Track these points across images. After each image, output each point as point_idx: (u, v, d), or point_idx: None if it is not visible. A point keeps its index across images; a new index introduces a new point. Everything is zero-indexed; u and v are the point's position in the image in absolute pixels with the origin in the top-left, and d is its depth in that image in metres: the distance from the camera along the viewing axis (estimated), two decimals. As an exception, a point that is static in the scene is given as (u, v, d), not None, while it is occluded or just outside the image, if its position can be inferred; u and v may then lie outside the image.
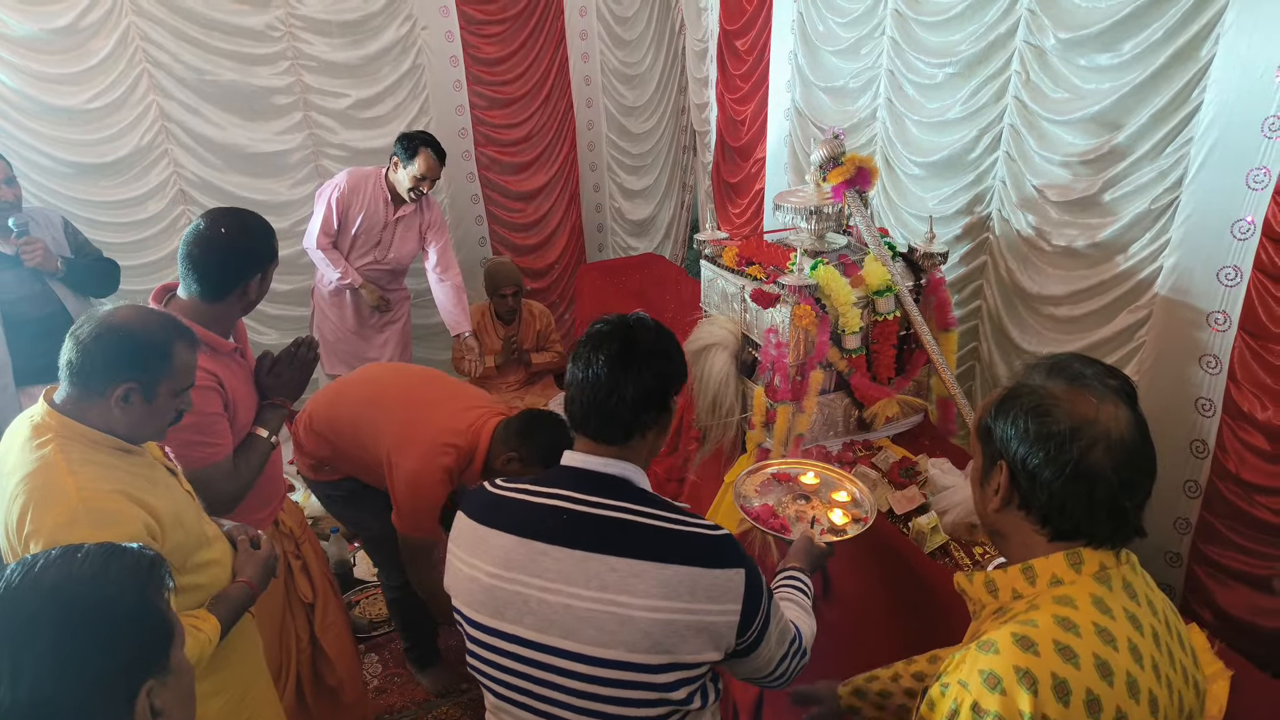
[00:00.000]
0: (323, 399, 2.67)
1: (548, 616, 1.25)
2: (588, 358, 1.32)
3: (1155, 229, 2.31)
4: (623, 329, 1.35)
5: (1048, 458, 1.06)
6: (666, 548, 1.24)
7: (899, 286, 2.48)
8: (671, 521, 1.27)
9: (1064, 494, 1.06)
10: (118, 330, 1.52)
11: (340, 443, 2.55)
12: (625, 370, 1.30)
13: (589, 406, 1.32)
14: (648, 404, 1.32)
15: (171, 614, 0.97)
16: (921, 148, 3.04)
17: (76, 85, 3.61)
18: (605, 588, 1.23)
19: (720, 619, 1.24)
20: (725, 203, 4.38)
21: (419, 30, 4.23)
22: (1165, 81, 2.20)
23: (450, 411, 2.45)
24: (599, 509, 1.28)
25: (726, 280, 2.73)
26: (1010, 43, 2.64)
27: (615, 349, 1.31)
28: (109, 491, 1.47)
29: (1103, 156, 2.38)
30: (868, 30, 3.19)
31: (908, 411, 2.65)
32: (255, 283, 1.99)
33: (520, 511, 1.32)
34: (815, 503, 2.06)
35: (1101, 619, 1.04)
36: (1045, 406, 1.08)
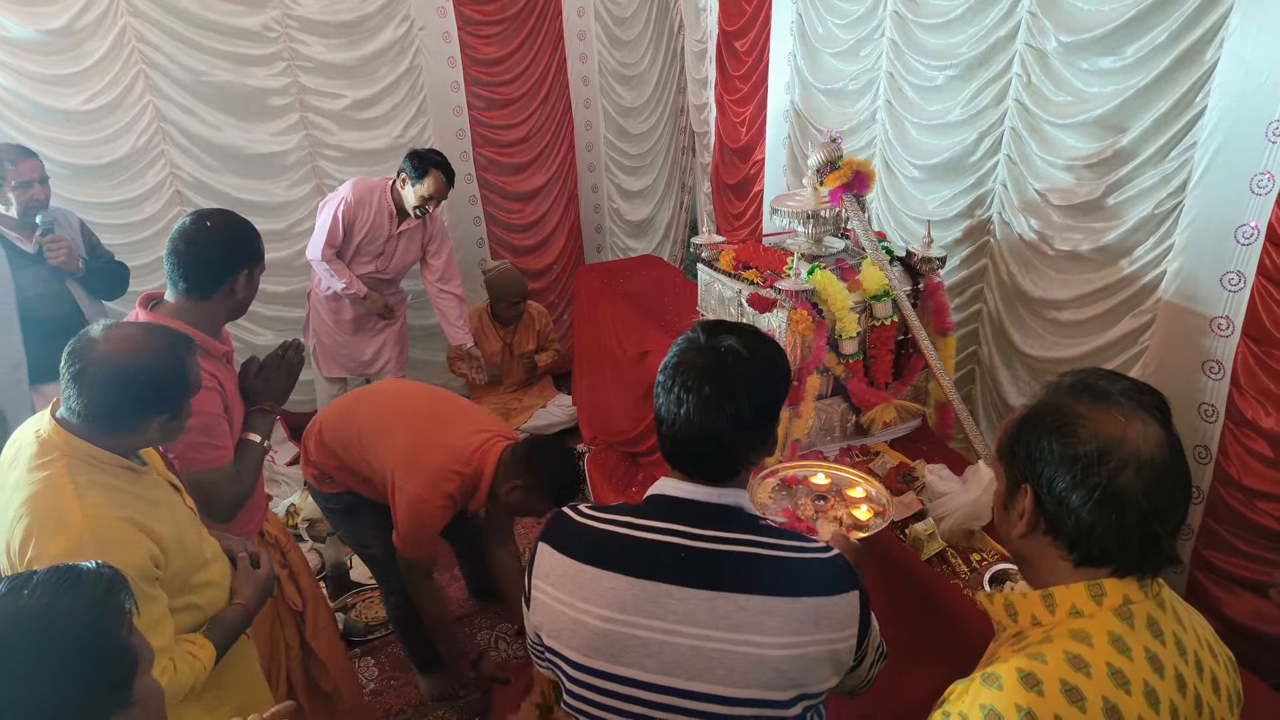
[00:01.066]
0: (334, 412, 2.66)
1: (672, 659, 1.18)
2: (678, 395, 1.19)
3: (1159, 233, 2.29)
4: (715, 362, 1.19)
5: (1074, 481, 1.00)
6: (792, 580, 1.18)
7: (896, 291, 2.46)
8: (789, 550, 1.21)
9: (1092, 519, 1.00)
10: (135, 370, 1.47)
11: (348, 457, 2.53)
12: (720, 413, 1.18)
13: (683, 447, 1.22)
14: (750, 441, 1.23)
15: (134, 640, 0.92)
16: (921, 150, 3.02)
17: (72, 87, 3.58)
18: (736, 628, 1.16)
19: (843, 645, 1.20)
20: (725, 204, 4.36)
21: (416, 31, 4.21)
22: (1169, 85, 2.18)
23: (458, 434, 2.43)
24: (718, 544, 1.20)
25: (723, 284, 2.71)
26: (1011, 45, 2.62)
27: (708, 393, 1.18)
28: (115, 519, 1.45)
29: (1106, 160, 2.36)
30: (867, 32, 3.17)
31: (905, 417, 2.63)
32: (242, 280, 1.96)
33: (630, 549, 1.22)
34: (833, 502, 2.05)
35: (1117, 659, 0.98)
36: (1070, 426, 1.02)
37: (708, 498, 1.23)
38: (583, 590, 1.23)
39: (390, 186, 3.57)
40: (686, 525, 1.21)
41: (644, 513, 1.25)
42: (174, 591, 1.53)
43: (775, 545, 1.21)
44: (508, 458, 2.39)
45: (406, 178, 3.47)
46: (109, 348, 1.48)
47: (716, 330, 1.24)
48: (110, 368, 1.46)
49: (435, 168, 3.45)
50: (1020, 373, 2.81)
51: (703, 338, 1.23)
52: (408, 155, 3.51)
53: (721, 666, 1.16)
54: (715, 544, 1.20)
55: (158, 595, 1.49)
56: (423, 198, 3.47)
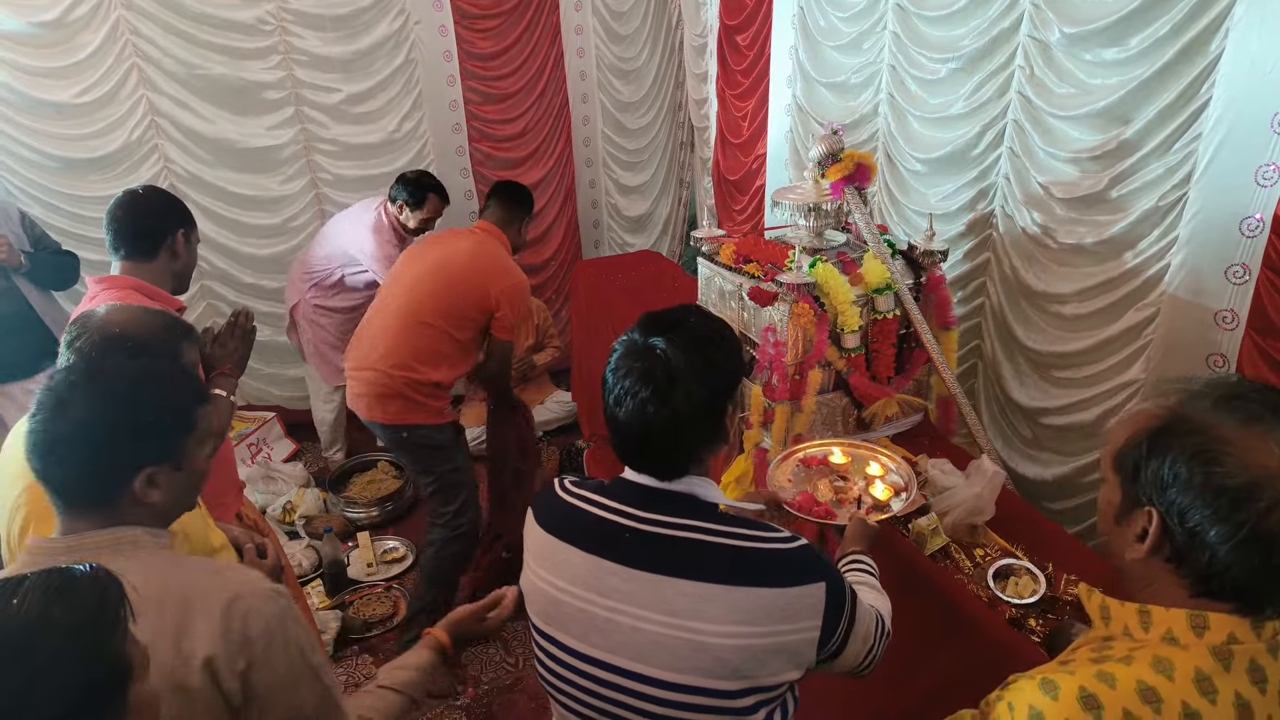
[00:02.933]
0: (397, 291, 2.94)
1: (616, 638, 1.19)
2: (618, 398, 1.18)
3: (1163, 226, 2.27)
4: (648, 366, 1.16)
5: (1216, 515, 0.90)
6: (739, 568, 1.16)
7: (898, 285, 2.44)
8: (743, 538, 1.18)
9: (1230, 559, 0.91)
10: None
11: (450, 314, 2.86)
12: (658, 414, 1.16)
13: (629, 447, 1.22)
14: (693, 438, 1.20)
15: (130, 648, 0.87)
16: (924, 143, 3.00)
17: (65, 79, 3.55)
18: (676, 613, 1.15)
19: (799, 637, 1.17)
20: (726, 199, 4.34)
21: (412, 25, 4.18)
22: (1173, 77, 2.17)
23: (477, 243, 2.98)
24: (665, 528, 1.20)
25: (724, 278, 2.69)
26: (1014, 37, 2.60)
27: (643, 396, 1.16)
28: None
29: (1110, 153, 2.34)
30: (869, 25, 3.16)
31: (908, 411, 2.61)
32: (180, 241, 2.19)
33: (587, 525, 1.24)
34: (853, 481, 2.01)
35: (1196, 700, 0.90)
36: (1214, 453, 0.91)
37: (658, 484, 1.23)
38: (546, 560, 1.27)
39: (385, 211, 3.63)
40: (635, 508, 1.22)
41: (606, 491, 1.27)
42: None
43: (725, 533, 1.19)
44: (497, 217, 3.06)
45: (404, 205, 3.56)
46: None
47: (651, 329, 1.21)
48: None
49: (432, 192, 3.59)
50: (1023, 366, 2.79)
51: (639, 338, 1.20)
52: (401, 183, 3.57)
53: (663, 650, 1.16)
54: (660, 528, 1.20)
55: None
56: (423, 221, 3.61)
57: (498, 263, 2.93)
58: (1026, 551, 2.12)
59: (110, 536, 1.14)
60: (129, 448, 1.13)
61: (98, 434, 1.11)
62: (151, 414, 1.15)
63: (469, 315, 2.89)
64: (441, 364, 2.87)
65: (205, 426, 1.24)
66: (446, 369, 2.89)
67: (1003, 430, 2.93)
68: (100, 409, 1.11)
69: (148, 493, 1.16)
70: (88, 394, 1.12)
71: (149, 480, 1.16)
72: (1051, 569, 2.04)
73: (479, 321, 2.92)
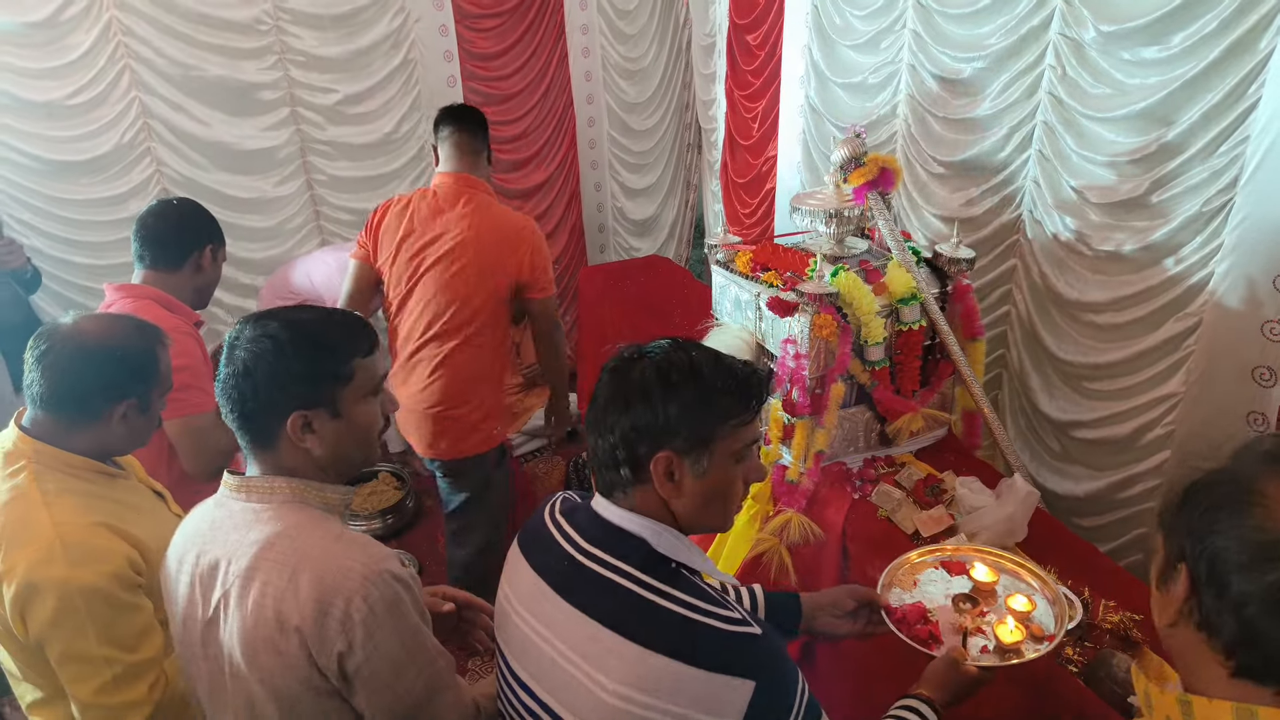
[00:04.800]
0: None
1: (541, 665, 1.14)
2: (592, 408, 1.18)
3: (1207, 232, 2.18)
4: (639, 369, 1.14)
5: (1243, 571, 0.82)
6: (660, 632, 1.04)
7: (924, 294, 2.34)
8: (679, 603, 1.06)
9: (1262, 623, 0.81)
10: (104, 348, 1.43)
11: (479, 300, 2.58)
12: (626, 413, 1.12)
13: (597, 467, 1.19)
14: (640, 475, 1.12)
15: None
16: (946, 146, 2.90)
17: (56, 80, 3.45)
18: (586, 656, 1.08)
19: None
20: (734, 203, 4.24)
21: (411, 24, 4.09)
22: (1219, 76, 2.07)
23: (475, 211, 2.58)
24: (600, 566, 1.11)
25: (740, 286, 2.58)
26: (1044, 35, 2.50)
27: (622, 397, 1.13)
28: (89, 524, 1.38)
29: (1150, 156, 2.24)
30: (888, 23, 3.06)
31: (932, 425, 2.51)
32: (208, 256, 2.15)
33: (543, 544, 1.20)
34: (984, 608, 1.59)
35: None
36: (1247, 503, 0.83)
37: (615, 518, 1.14)
38: (509, 567, 1.25)
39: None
40: (581, 537, 1.16)
41: (574, 515, 1.21)
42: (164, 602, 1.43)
43: (664, 593, 1.07)
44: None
45: None
46: (77, 329, 1.44)
47: (645, 350, 1.18)
48: (76, 345, 1.42)
49: None
50: (1053, 378, 2.69)
51: (631, 353, 1.18)
52: None
53: (569, 691, 1.10)
54: (596, 565, 1.12)
55: (141, 604, 1.41)
56: None
57: (508, 225, 2.59)
58: (1060, 575, 2.01)
59: (266, 483, 1.21)
60: (278, 389, 1.19)
61: (253, 375, 1.18)
62: (298, 359, 1.20)
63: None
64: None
65: (366, 380, 1.26)
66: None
67: (1030, 444, 2.83)
68: (255, 351, 1.19)
69: (303, 438, 1.21)
70: (247, 339, 1.20)
71: (305, 424, 1.21)
72: (1088, 594, 1.94)
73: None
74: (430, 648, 1.24)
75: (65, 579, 1.32)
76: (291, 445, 1.22)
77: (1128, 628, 1.85)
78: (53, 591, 1.32)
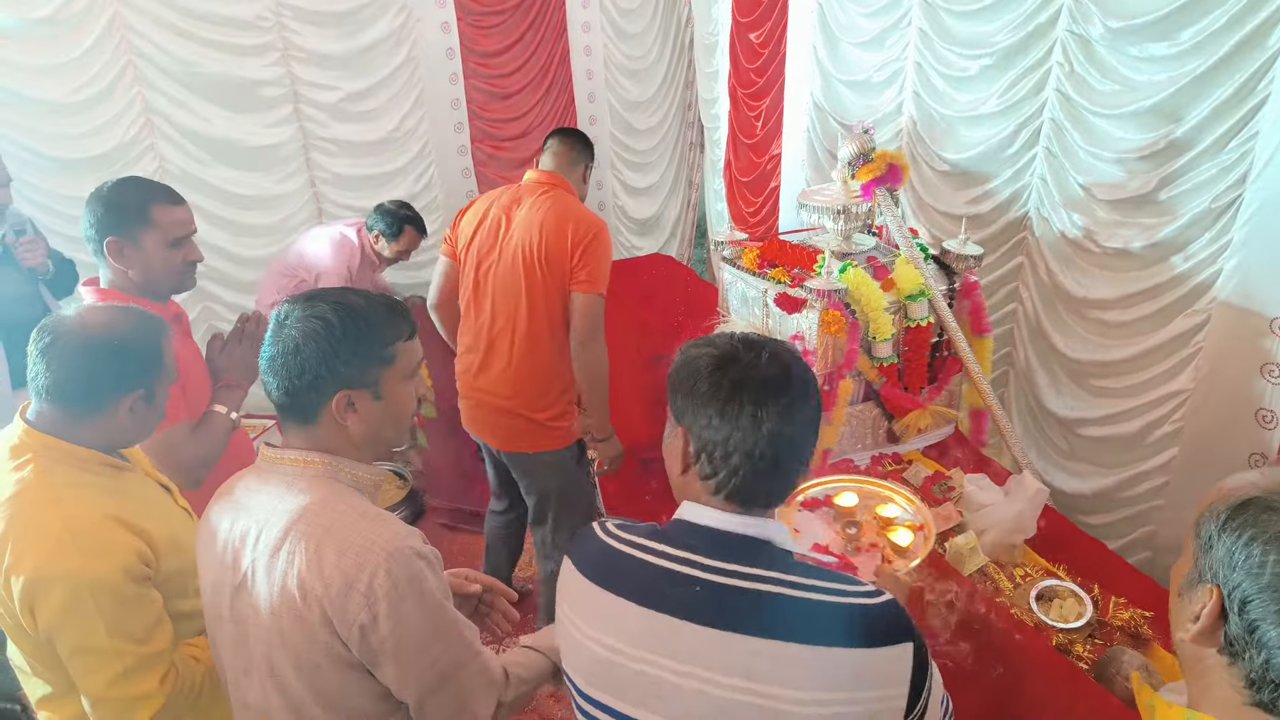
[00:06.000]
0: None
1: (680, 704, 1.05)
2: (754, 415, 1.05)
3: (1216, 228, 2.18)
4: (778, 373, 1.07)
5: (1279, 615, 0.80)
6: (824, 626, 1.02)
7: (932, 291, 2.33)
8: (826, 592, 1.05)
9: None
10: (109, 341, 1.40)
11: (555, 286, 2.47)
12: (799, 421, 1.07)
13: (752, 476, 1.07)
14: (799, 462, 1.10)
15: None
16: (952, 143, 2.91)
17: (60, 77, 3.45)
18: (752, 676, 1.01)
19: (887, 704, 1.03)
20: (737, 201, 4.23)
21: (414, 22, 4.08)
22: (1228, 72, 2.07)
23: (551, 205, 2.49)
24: (738, 579, 1.05)
25: (746, 283, 2.58)
26: (1051, 32, 2.51)
27: (786, 403, 1.05)
28: (97, 517, 1.36)
29: (1158, 152, 2.24)
30: (893, 21, 3.06)
31: (939, 423, 2.50)
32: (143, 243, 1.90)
33: (641, 575, 1.09)
34: (865, 528, 1.82)
35: None
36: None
37: (734, 527, 1.08)
38: (590, 613, 1.12)
39: (364, 240, 3.51)
40: (704, 556, 1.07)
41: (663, 536, 1.11)
42: (174, 594, 1.43)
43: (808, 586, 1.05)
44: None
45: (380, 235, 3.47)
46: (82, 321, 1.42)
47: (749, 341, 1.12)
48: (82, 338, 1.39)
49: (409, 224, 3.49)
50: (1060, 375, 2.69)
51: (741, 348, 1.10)
52: (378, 213, 3.45)
53: (732, 717, 1.03)
54: (735, 579, 1.05)
55: (151, 596, 1.39)
56: (399, 252, 3.53)
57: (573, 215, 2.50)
58: (1069, 571, 2.01)
59: (302, 457, 1.24)
60: (326, 368, 1.22)
61: (303, 353, 1.21)
62: (347, 340, 1.22)
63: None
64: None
65: (407, 363, 1.29)
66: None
67: (1036, 441, 2.83)
68: (306, 330, 1.22)
69: (346, 416, 1.24)
70: (298, 318, 1.23)
71: (348, 403, 1.23)
72: (1097, 591, 1.94)
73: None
74: (454, 620, 1.24)
75: (74, 572, 1.31)
76: (332, 423, 1.24)
77: (1138, 624, 1.85)
78: (62, 585, 1.31)
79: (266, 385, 1.26)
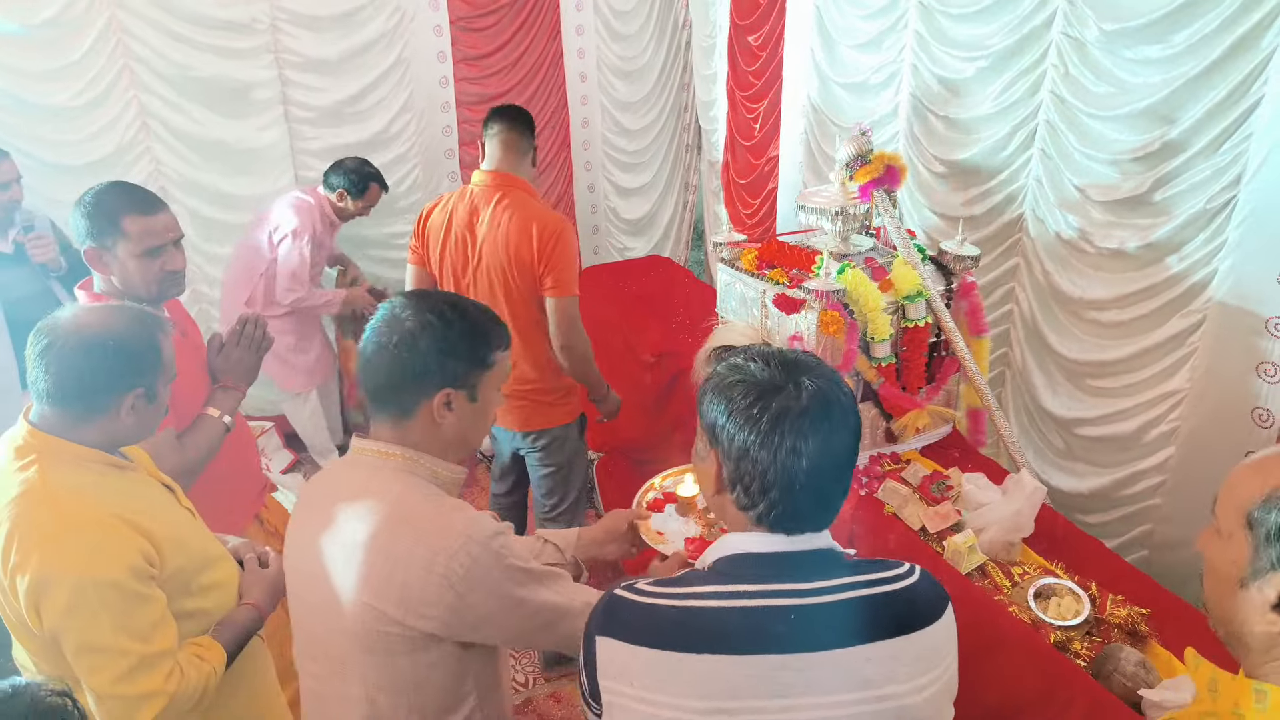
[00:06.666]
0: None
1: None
2: (794, 446, 1.01)
3: (1210, 229, 2.20)
4: (820, 403, 1.03)
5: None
6: (908, 613, 1.05)
7: (930, 291, 2.35)
8: (890, 581, 1.07)
9: None
10: (106, 341, 1.40)
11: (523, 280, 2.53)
12: (845, 450, 1.05)
13: (794, 507, 1.04)
14: (849, 477, 1.10)
15: None
16: (948, 145, 2.92)
17: (57, 82, 3.44)
18: (868, 683, 1.02)
19: (954, 668, 1.09)
20: (735, 203, 4.25)
21: (405, 24, 4.08)
22: (1222, 74, 2.09)
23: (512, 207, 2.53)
24: (827, 594, 1.04)
25: (745, 284, 2.59)
26: (1046, 35, 2.53)
27: (827, 431, 1.02)
28: (103, 517, 1.37)
29: (1153, 154, 2.26)
30: (890, 23, 3.08)
31: (937, 422, 2.51)
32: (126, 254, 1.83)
33: (724, 623, 1.03)
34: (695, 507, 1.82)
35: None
36: None
37: (805, 545, 1.06)
38: (672, 682, 1.03)
39: (323, 200, 3.57)
40: (789, 583, 1.04)
41: (726, 577, 1.06)
42: (177, 593, 1.44)
43: (877, 581, 1.07)
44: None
45: (344, 193, 3.54)
46: (78, 322, 1.42)
47: (788, 366, 1.07)
48: (79, 339, 1.39)
49: (372, 180, 3.59)
50: (1056, 375, 2.71)
51: (780, 376, 1.05)
52: (340, 172, 3.54)
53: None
54: (824, 595, 1.04)
55: (155, 595, 1.40)
56: (362, 209, 3.62)
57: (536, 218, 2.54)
58: (1066, 569, 2.03)
59: (384, 449, 1.29)
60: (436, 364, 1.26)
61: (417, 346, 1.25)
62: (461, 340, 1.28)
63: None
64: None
65: (500, 371, 1.35)
66: None
67: (1033, 441, 2.85)
68: (421, 325, 1.26)
69: (443, 413, 1.28)
70: (411, 315, 1.27)
71: (447, 401, 1.27)
72: (1095, 589, 1.95)
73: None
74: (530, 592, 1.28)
75: (79, 571, 1.31)
76: (428, 419, 1.28)
77: (1135, 622, 1.86)
78: (66, 583, 1.31)
79: (368, 374, 1.29)
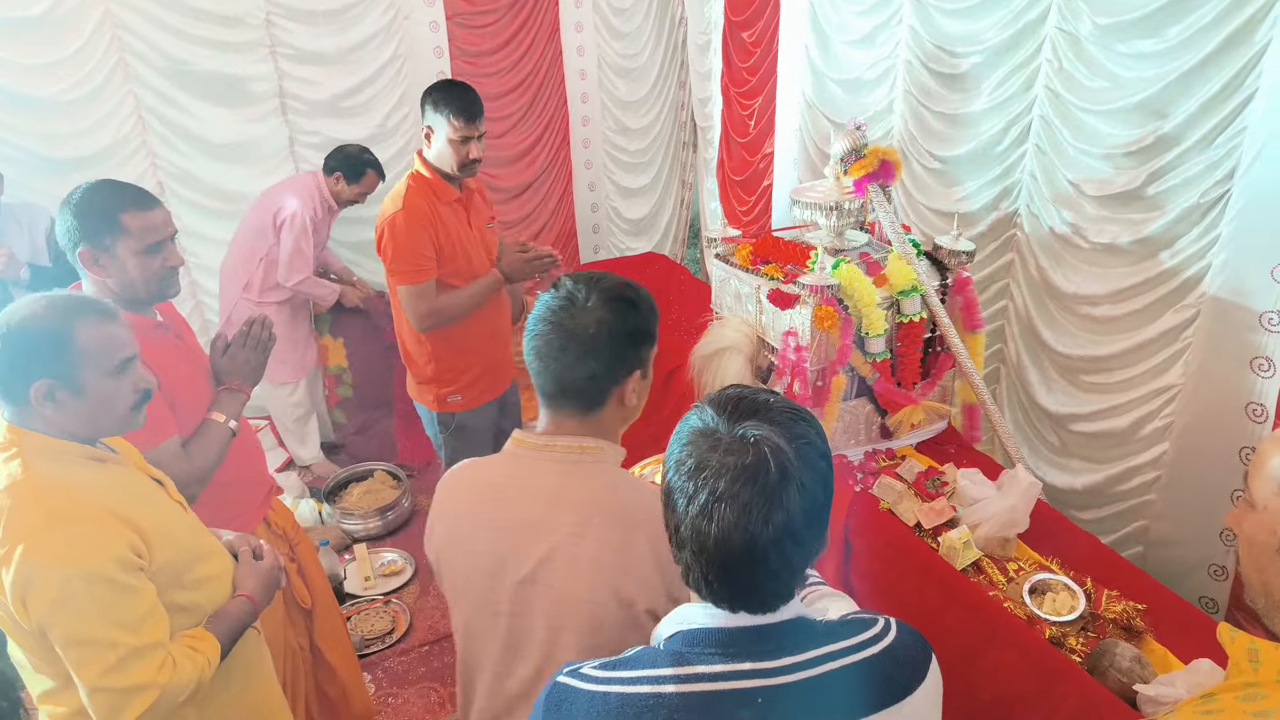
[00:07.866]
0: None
1: None
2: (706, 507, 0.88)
3: (1204, 224, 2.19)
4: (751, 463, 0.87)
5: None
6: (886, 681, 0.95)
7: (925, 286, 2.34)
8: (867, 645, 0.96)
9: None
10: (10, 329, 1.36)
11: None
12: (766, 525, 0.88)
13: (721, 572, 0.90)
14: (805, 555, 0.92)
15: None
16: (943, 141, 2.92)
17: (53, 76, 3.43)
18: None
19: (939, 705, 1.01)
20: (730, 199, 4.24)
21: (402, 20, 4.08)
22: (1215, 68, 2.09)
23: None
24: (798, 671, 0.92)
25: (740, 280, 2.59)
26: (1041, 30, 2.52)
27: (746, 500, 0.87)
28: (88, 509, 1.36)
29: (1147, 148, 2.26)
30: (884, 19, 3.07)
31: (932, 418, 2.52)
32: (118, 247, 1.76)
33: (683, 710, 0.91)
34: None
35: None
36: None
37: (773, 619, 0.94)
38: None
39: (321, 184, 3.61)
40: (753, 661, 0.92)
41: (681, 657, 0.93)
42: (169, 586, 1.43)
43: (852, 648, 0.95)
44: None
45: (340, 177, 3.59)
46: (3, 313, 1.38)
47: (738, 412, 0.92)
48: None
49: (370, 168, 3.61)
50: (1050, 371, 2.70)
51: (722, 427, 0.91)
52: (340, 156, 3.58)
53: None
54: (795, 673, 0.92)
55: (144, 587, 1.38)
56: (358, 194, 3.64)
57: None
58: (1061, 565, 2.03)
59: (576, 444, 1.24)
60: (631, 347, 1.23)
61: (614, 336, 1.21)
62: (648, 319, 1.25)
63: None
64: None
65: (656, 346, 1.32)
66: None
67: (1028, 437, 2.84)
68: (615, 311, 1.21)
69: (632, 395, 1.25)
70: (597, 301, 1.21)
71: (636, 383, 1.25)
72: (1091, 584, 1.95)
73: None
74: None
75: (64, 563, 1.31)
76: (618, 405, 1.25)
77: (1130, 617, 1.86)
78: (52, 576, 1.30)
79: (553, 372, 1.20)
